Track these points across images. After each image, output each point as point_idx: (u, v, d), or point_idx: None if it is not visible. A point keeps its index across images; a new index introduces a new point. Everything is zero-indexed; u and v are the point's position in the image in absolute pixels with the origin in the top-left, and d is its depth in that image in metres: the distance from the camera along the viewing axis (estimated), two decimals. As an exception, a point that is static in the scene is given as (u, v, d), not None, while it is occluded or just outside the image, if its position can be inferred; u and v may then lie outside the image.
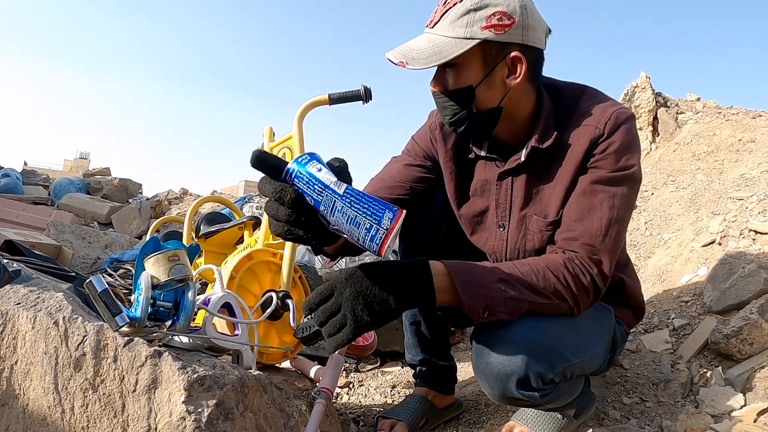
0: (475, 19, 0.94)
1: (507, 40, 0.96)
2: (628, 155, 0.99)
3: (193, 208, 2.00)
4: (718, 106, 3.34)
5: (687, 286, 1.74)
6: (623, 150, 0.99)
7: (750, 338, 1.34)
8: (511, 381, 0.94)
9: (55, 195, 5.76)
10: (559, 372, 0.97)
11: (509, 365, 0.93)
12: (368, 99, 1.40)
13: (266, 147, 1.50)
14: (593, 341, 1.06)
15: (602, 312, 1.11)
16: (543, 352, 0.93)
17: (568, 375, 1.01)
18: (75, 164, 38.62)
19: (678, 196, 2.51)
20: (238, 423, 0.87)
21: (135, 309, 0.92)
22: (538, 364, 0.93)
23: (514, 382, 0.94)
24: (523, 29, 0.96)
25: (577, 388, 1.12)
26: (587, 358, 1.04)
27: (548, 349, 0.94)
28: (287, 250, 1.33)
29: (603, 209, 0.97)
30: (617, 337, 1.17)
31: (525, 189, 1.08)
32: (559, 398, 1.06)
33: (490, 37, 0.94)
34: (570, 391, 1.09)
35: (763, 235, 1.76)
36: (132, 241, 3.67)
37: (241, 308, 1.14)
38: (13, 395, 0.97)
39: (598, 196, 0.98)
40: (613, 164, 0.98)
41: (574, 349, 0.99)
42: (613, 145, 0.98)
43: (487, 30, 0.94)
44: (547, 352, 0.94)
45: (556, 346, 0.96)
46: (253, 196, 5.05)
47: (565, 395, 1.08)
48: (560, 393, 1.04)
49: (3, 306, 1.01)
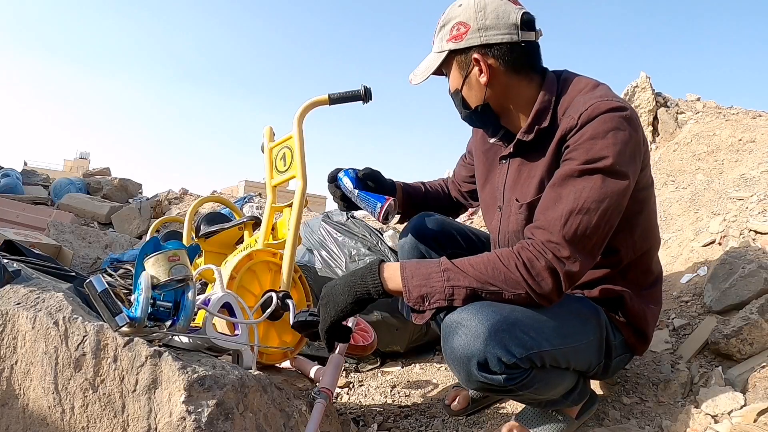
0: (443, 35, 1.11)
1: (467, 45, 1.08)
2: (601, 146, 0.98)
3: (193, 208, 1.99)
4: (718, 106, 3.34)
5: (687, 286, 1.74)
6: (595, 140, 0.98)
7: (750, 338, 1.34)
8: (472, 364, 0.95)
9: (55, 195, 5.75)
10: (524, 357, 0.96)
11: (469, 348, 0.95)
12: (368, 99, 1.40)
13: (266, 147, 1.50)
14: (571, 334, 1.05)
15: (588, 309, 1.12)
16: (500, 335, 0.94)
17: (537, 363, 0.99)
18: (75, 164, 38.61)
19: (678, 196, 2.51)
20: (238, 423, 0.87)
21: (135, 309, 0.92)
22: (495, 347, 0.94)
23: (475, 365, 0.95)
24: (479, 31, 1.06)
25: (559, 381, 1.08)
26: (564, 349, 1.03)
27: (505, 333, 0.95)
28: (287, 250, 1.33)
29: (567, 200, 0.98)
30: (612, 343, 1.14)
31: (515, 174, 1.17)
32: (536, 387, 1.02)
33: (453, 47, 1.09)
34: (548, 381, 1.05)
35: (763, 235, 1.76)
36: (132, 241, 3.66)
37: (241, 308, 1.14)
38: (13, 395, 0.97)
39: (566, 189, 0.99)
40: (584, 155, 0.99)
41: (540, 336, 0.99)
42: (584, 136, 1.00)
43: (450, 41, 1.10)
44: (504, 335, 0.94)
45: (515, 331, 0.96)
46: (253, 196, 5.05)
47: (542, 385, 1.04)
48: (534, 381, 1.01)
49: (3, 306, 1.01)
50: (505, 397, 1.15)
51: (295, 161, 1.38)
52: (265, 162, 1.50)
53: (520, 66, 1.09)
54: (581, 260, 0.97)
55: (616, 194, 0.98)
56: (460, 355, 0.96)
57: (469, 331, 0.95)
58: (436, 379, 1.72)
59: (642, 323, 1.18)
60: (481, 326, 0.94)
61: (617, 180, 0.98)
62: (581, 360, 1.10)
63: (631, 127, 1.01)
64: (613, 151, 0.98)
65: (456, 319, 0.98)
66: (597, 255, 1.01)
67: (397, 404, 1.56)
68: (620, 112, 1.00)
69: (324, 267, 1.96)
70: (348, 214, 2.11)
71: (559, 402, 1.16)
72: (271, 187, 1.48)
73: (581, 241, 0.97)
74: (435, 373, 1.77)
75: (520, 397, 1.11)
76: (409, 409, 1.51)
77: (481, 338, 0.93)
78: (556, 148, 1.06)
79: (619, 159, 0.98)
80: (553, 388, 1.08)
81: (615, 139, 0.98)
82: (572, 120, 1.02)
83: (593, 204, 0.97)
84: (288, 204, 1.43)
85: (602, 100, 1.01)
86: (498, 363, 0.94)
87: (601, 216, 0.97)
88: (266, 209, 1.47)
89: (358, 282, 1.03)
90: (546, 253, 0.97)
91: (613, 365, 1.19)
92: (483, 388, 1.01)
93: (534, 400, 1.12)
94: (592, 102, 1.01)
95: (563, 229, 0.97)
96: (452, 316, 0.99)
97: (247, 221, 1.78)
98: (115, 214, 5.15)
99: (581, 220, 0.97)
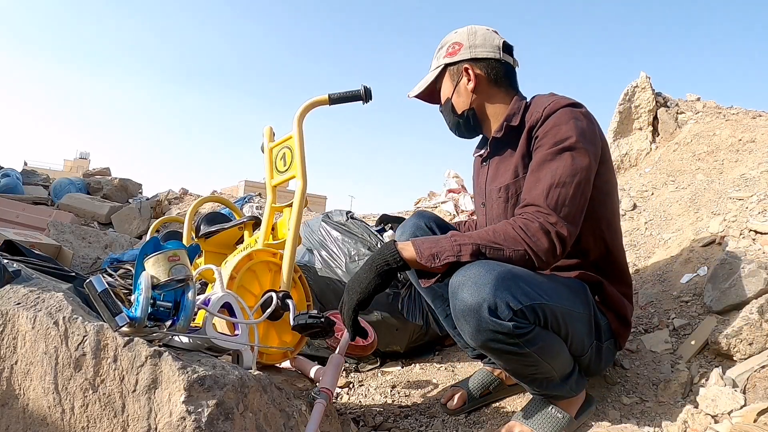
0: (441, 54, 1.37)
1: (460, 59, 1.33)
2: (564, 129, 1.17)
3: (193, 208, 2.00)
4: (718, 106, 3.34)
5: (687, 286, 1.74)
6: (559, 126, 1.18)
7: (750, 338, 1.34)
8: (482, 309, 1.02)
9: (55, 195, 5.75)
10: (529, 306, 1.05)
11: (479, 294, 1.03)
12: (368, 99, 1.40)
13: (266, 147, 1.50)
14: (567, 298, 1.16)
15: (576, 284, 1.23)
16: (506, 283, 1.04)
17: (540, 316, 1.07)
18: (75, 164, 38.59)
19: (678, 196, 2.51)
20: (238, 423, 0.87)
21: (135, 309, 0.92)
22: (503, 292, 1.03)
23: (485, 309, 1.02)
24: (470, 48, 1.33)
25: (559, 348, 1.14)
26: (561, 308, 1.12)
27: (510, 282, 1.04)
28: (287, 250, 1.33)
29: (545, 179, 1.15)
30: (600, 323, 1.24)
31: (494, 171, 1.36)
32: (540, 346, 1.09)
33: (448, 61, 1.34)
34: (551, 344, 1.11)
35: (763, 235, 1.76)
36: (132, 241, 3.66)
37: (241, 308, 1.14)
38: (13, 395, 0.98)
39: (543, 171, 1.16)
40: (552, 140, 1.17)
41: (541, 290, 1.09)
42: (549, 125, 1.19)
43: (446, 57, 1.35)
44: (511, 283, 1.04)
45: (520, 281, 1.06)
46: (253, 196, 5.05)
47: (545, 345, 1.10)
48: (538, 338, 1.08)
49: (3, 306, 1.01)
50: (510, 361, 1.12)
51: (295, 161, 1.38)
52: (265, 162, 1.50)
53: (500, 80, 1.33)
54: (567, 225, 1.11)
55: (584, 169, 1.15)
56: (470, 304, 1.03)
57: (477, 281, 1.03)
58: (436, 379, 1.72)
59: (622, 310, 1.30)
60: (488, 275, 1.03)
61: (583, 157, 1.16)
62: (577, 330, 1.16)
63: (588, 120, 1.21)
64: (576, 132, 1.16)
65: (462, 276, 1.06)
66: (578, 223, 1.15)
67: (397, 404, 1.56)
68: (578, 108, 1.22)
69: (324, 267, 1.96)
70: (348, 214, 2.11)
71: (559, 386, 1.18)
72: (271, 187, 1.48)
73: (563, 209, 1.12)
74: (435, 373, 1.77)
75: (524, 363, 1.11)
76: (409, 409, 1.51)
77: (489, 285, 1.02)
78: (526, 138, 1.25)
79: (582, 138, 1.16)
80: (555, 356, 1.13)
81: (575, 124, 1.18)
82: (537, 114, 1.23)
83: (568, 178, 1.14)
84: (288, 204, 1.43)
85: (562, 98, 1.23)
86: (506, 308, 1.02)
87: (576, 188, 1.13)
88: (266, 209, 1.47)
89: (376, 258, 1.13)
90: (538, 217, 1.11)
91: (604, 353, 1.26)
92: (491, 339, 1.05)
93: (537, 374, 1.14)
94: (554, 99, 1.23)
95: (546, 200, 1.12)
96: (457, 275, 1.07)
97: (247, 221, 1.78)
98: (115, 214, 5.15)
99: (560, 192, 1.13)
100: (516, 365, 1.14)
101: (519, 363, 1.12)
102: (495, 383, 1.48)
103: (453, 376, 1.73)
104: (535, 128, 1.22)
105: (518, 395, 1.50)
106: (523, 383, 1.21)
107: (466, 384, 1.50)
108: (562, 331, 1.13)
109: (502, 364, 1.16)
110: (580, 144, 1.16)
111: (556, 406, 1.22)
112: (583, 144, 1.16)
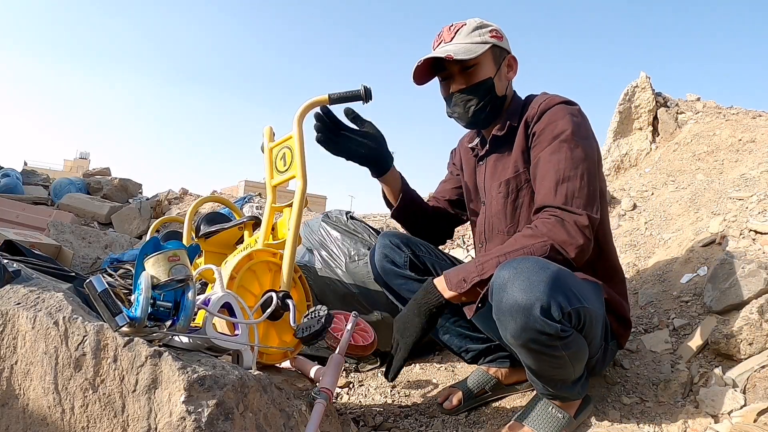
0: (484, 32, 1.33)
1: (504, 47, 1.36)
2: (561, 124, 1.21)
3: (193, 208, 1.99)
4: (718, 106, 3.34)
5: (687, 286, 1.74)
6: (555, 122, 1.22)
7: (750, 338, 1.34)
8: (535, 308, 0.99)
9: (55, 195, 5.75)
10: (575, 309, 1.04)
11: (533, 293, 1.00)
12: (368, 99, 1.40)
13: (266, 147, 1.50)
14: (592, 298, 1.14)
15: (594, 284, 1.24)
16: (560, 284, 1.02)
17: (579, 320, 1.07)
18: (75, 164, 38.58)
19: (678, 196, 2.51)
20: (238, 423, 0.87)
21: (135, 309, 0.92)
22: (558, 294, 1.01)
23: (538, 308, 0.99)
24: (508, 42, 1.38)
25: (584, 353, 1.13)
26: (593, 309, 1.10)
27: (564, 283, 1.03)
28: (287, 250, 1.33)
29: (550, 177, 1.18)
30: (607, 323, 1.25)
31: (492, 168, 1.39)
32: (573, 350, 1.08)
33: (497, 42, 1.33)
34: (580, 348, 1.10)
35: (763, 235, 1.76)
36: (132, 241, 3.66)
37: (241, 308, 1.14)
38: (13, 395, 0.98)
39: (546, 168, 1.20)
40: (550, 135, 1.22)
41: (579, 292, 1.07)
42: (544, 121, 1.24)
43: (493, 38, 1.33)
44: (563, 285, 1.03)
45: (569, 283, 1.05)
46: (253, 196, 5.05)
47: (576, 350, 1.09)
48: (574, 342, 1.07)
49: (3, 306, 1.01)
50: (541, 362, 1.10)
51: (295, 161, 1.38)
52: (265, 162, 1.50)
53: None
54: (584, 213, 1.13)
55: (584, 161, 1.19)
56: (522, 302, 1.00)
57: (530, 277, 1.01)
58: (436, 379, 1.72)
59: (621, 310, 1.32)
60: (542, 273, 1.01)
61: (582, 147, 1.20)
62: (597, 332, 1.16)
63: (582, 116, 1.26)
64: (571, 126, 1.21)
65: (512, 271, 1.04)
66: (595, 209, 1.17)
67: (397, 404, 1.56)
68: (573, 105, 1.27)
69: (324, 267, 1.96)
70: (348, 214, 2.11)
71: (570, 388, 1.18)
72: (271, 187, 1.48)
73: (574, 201, 1.15)
74: (435, 373, 1.77)
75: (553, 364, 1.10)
76: (409, 409, 1.51)
77: (543, 284, 1.00)
78: (523, 132, 1.30)
79: (577, 131, 1.21)
80: (581, 360, 1.13)
81: (571, 119, 1.22)
82: (533, 110, 1.28)
83: (571, 171, 1.17)
84: (288, 204, 1.43)
85: (557, 96, 1.29)
86: (558, 309, 1.01)
87: (581, 178, 1.17)
88: (266, 209, 1.46)
89: (422, 301, 1.18)
90: (553, 213, 1.14)
91: (608, 354, 1.29)
92: (534, 339, 1.03)
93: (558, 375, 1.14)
94: (548, 97, 1.29)
95: (555, 198, 1.16)
96: (506, 269, 1.05)
97: (247, 221, 1.78)
98: (115, 214, 5.15)
99: (567, 186, 1.16)
100: (544, 366, 1.12)
101: (548, 364, 1.10)
102: (491, 382, 1.49)
103: (453, 376, 1.73)
104: (531, 122, 1.28)
105: (517, 395, 1.50)
106: (539, 383, 1.19)
107: (462, 385, 1.50)
108: (590, 335, 1.12)
109: (531, 364, 1.13)
110: (576, 136, 1.20)
111: (556, 406, 1.23)
112: (579, 137, 1.21)
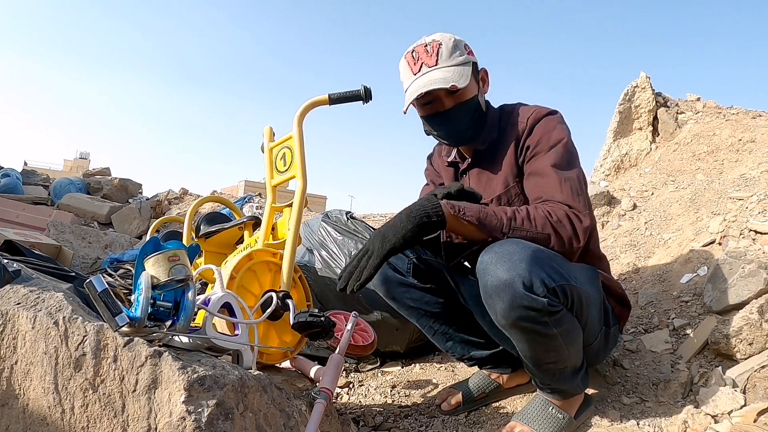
0: (462, 50, 1.31)
1: (476, 61, 1.34)
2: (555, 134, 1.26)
3: (193, 208, 1.99)
4: (718, 106, 3.34)
5: (687, 286, 1.74)
6: (549, 133, 1.26)
7: (750, 338, 1.34)
8: (517, 283, 1.02)
9: (55, 195, 5.74)
10: (560, 286, 1.06)
11: (514, 269, 1.02)
12: (368, 99, 1.40)
13: (266, 147, 1.50)
14: (587, 282, 1.17)
15: (589, 269, 1.25)
16: (540, 261, 1.05)
17: (567, 297, 1.08)
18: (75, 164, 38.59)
19: (678, 196, 2.51)
20: (238, 423, 0.87)
21: (135, 309, 0.92)
22: (539, 269, 1.03)
23: (520, 284, 1.02)
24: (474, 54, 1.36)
25: (577, 334, 1.14)
26: (584, 292, 1.13)
27: (543, 261, 1.05)
28: (287, 250, 1.33)
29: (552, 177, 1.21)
30: (608, 308, 1.28)
31: (476, 181, 1.39)
32: (566, 327, 1.09)
33: (473, 59, 1.32)
34: (573, 326, 1.12)
35: (763, 235, 1.76)
36: (132, 241, 3.66)
37: (241, 308, 1.14)
38: (13, 395, 0.98)
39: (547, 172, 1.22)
40: (546, 145, 1.25)
41: (568, 273, 1.09)
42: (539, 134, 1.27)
43: (470, 54, 1.32)
44: (543, 262, 1.05)
45: (550, 262, 1.07)
46: (253, 196, 5.05)
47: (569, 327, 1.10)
48: (565, 319, 1.08)
49: (3, 306, 1.01)
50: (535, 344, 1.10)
51: (295, 161, 1.38)
52: (265, 162, 1.50)
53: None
54: (588, 215, 1.17)
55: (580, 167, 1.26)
56: (505, 279, 1.03)
57: (513, 257, 1.04)
58: (436, 379, 1.72)
59: (618, 289, 1.36)
60: (523, 252, 1.04)
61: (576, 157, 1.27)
62: (592, 315, 1.18)
63: (567, 125, 1.30)
64: (566, 135, 1.27)
65: (494, 253, 1.07)
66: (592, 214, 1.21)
67: (397, 404, 1.56)
68: (557, 115, 1.31)
69: (324, 267, 1.96)
70: (348, 214, 2.11)
71: (570, 379, 1.19)
72: (271, 187, 1.48)
73: (577, 199, 1.18)
74: (435, 373, 1.77)
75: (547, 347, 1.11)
76: (409, 409, 1.51)
77: (525, 261, 1.03)
78: (514, 149, 1.31)
79: (570, 139, 1.28)
80: (574, 341, 1.14)
81: (563, 128, 1.28)
82: (522, 124, 1.30)
83: (572, 173, 1.22)
84: (288, 204, 1.43)
85: (541, 107, 1.32)
86: (541, 284, 1.02)
87: (579, 181, 1.22)
88: (266, 209, 1.47)
89: (415, 209, 1.11)
90: (563, 206, 1.15)
91: (611, 339, 1.31)
92: (523, 317, 1.04)
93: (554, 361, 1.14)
94: (534, 109, 1.32)
95: (562, 194, 1.18)
96: (488, 253, 1.08)
97: (247, 221, 1.78)
98: (115, 214, 5.15)
99: (570, 185, 1.19)
100: (538, 350, 1.12)
101: (542, 347, 1.11)
102: (492, 387, 1.48)
103: (453, 376, 1.73)
104: (522, 139, 1.29)
105: (518, 396, 1.50)
106: (537, 373, 1.20)
107: (462, 386, 1.50)
108: (582, 316, 1.14)
109: (525, 349, 1.13)
110: (571, 144, 1.27)
111: (556, 406, 1.23)
112: (573, 144, 1.28)
